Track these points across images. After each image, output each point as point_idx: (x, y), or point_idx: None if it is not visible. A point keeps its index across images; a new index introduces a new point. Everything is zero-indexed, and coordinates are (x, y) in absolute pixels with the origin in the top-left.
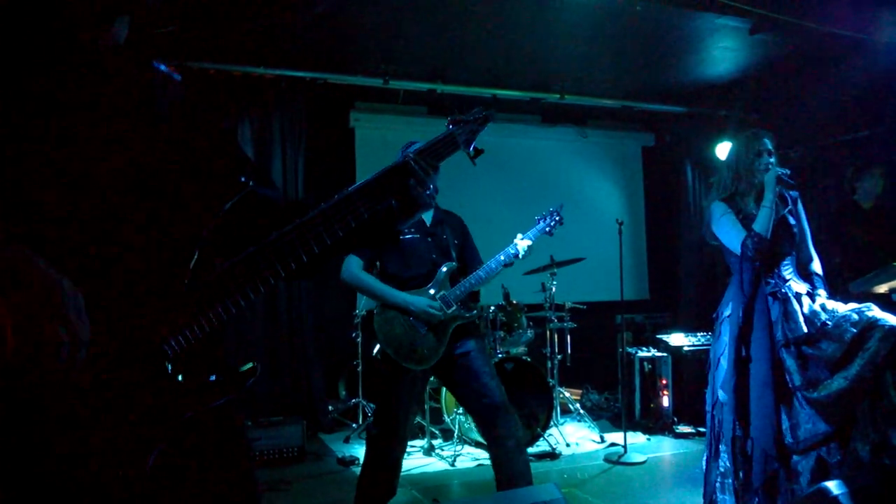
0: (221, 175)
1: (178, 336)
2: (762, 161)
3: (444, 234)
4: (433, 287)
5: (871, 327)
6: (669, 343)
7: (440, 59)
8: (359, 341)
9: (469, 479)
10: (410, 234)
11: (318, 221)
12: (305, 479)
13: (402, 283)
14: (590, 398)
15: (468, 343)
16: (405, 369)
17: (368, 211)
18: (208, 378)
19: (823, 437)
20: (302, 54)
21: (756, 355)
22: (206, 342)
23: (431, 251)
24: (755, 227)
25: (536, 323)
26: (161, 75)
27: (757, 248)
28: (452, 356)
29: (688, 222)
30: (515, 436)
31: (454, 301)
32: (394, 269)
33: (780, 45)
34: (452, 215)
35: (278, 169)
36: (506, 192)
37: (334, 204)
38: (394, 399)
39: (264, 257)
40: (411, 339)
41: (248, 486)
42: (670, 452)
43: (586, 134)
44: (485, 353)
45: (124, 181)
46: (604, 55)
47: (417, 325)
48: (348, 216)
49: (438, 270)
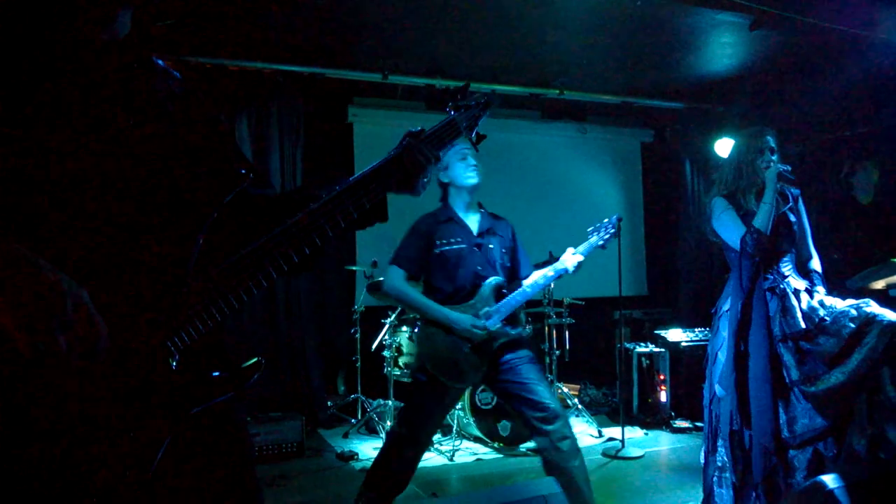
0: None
1: (181, 333)
2: (764, 159)
3: (490, 243)
4: (478, 302)
5: (869, 323)
6: (667, 339)
7: (439, 54)
8: (358, 337)
9: (468, 473)
10: (456, 244)
11: (333, 205)
12: (304, 474)
13: (446, 297)
14: (588, 393)
15: (514, 352)
16: (444, 385)
17: (380, 195)
18: (212, 374)
19: (820, 431)
20: (300, 49)
21: (754, 351)
22: (210, 337)
23: (477, 263)
24: (755, 224)
25: (535, 319)
26: (161, 71)
27: (756, 244)
28: (498, 364)
29: (687, 218)
30: (571, 437)
31: (499, 318)
32: (438, 283)
33: (780, 41)
34: (502, 221)
35: (276, 164)
36: (504, 188)
37: (347, 188)
38: (427, 410)
39: (277, 245)
40: (453, 357)
41: (249, 482)
42: (668, 447)
43: (586, 130)
44: (532, 360)
45: (125, 177)
46: (603, 51)
47: (460, 343)
48: (363, 198)
49: (484, 284)
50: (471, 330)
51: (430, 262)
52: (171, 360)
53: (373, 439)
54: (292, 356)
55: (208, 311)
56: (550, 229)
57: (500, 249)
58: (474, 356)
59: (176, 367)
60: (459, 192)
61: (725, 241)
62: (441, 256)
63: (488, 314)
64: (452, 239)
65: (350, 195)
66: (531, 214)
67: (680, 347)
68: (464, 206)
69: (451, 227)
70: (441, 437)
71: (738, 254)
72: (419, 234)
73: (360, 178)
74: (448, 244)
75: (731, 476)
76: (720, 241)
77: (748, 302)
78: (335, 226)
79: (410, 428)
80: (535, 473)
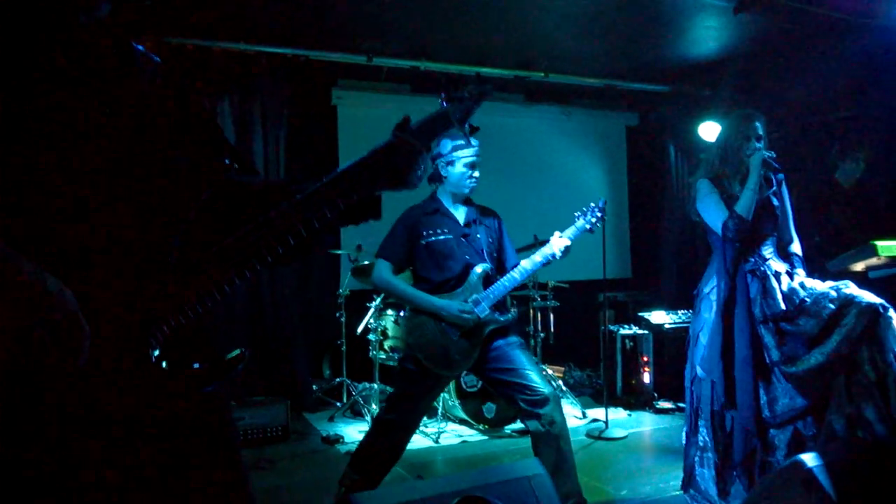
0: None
1: (163, 325)
2: (750, 146)
3: (477, 233)
4: (466, 290)
5: (848, 304)
6: (651, 321)
7: (424, 36)
8: (343, 320)
9: (453, 455)
10: (443, 234)
11: (319, 197)
12: (290, 457)
13: (435, 287)
14: (572, 375)
15: (503, 338)
16: (434, 373)
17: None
18: (194, 365)
19: (800, 411)
20: (283, 31)
21: (737, 332)
22: (192, 328)
23: (465, 253)
24: (737, 209)
25: (520, 301)
26: (140, 56)
27: (737, 229)
28: (486, 350)
29: (670, 201)
30: (562, 419)
31: (487, 305)
32: (426, 273)
33: (765, 25)
34: (488, 212)
35: (259, 147)
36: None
37: (334, 179)
38: (416, 397)
39: (261, 236)
40: (443, 345)
41: (234, 467)
42: (651, 428)
43: (570, 113)
44: (522, 346)
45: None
46: (588, 34)
47: (449, 331)
48: (351, 192)
49: (471, 273)
50: (460, 316)
51: (417, 253)
52: (152, 352)
53: (358, 422)
54: (277, 340)
55: (190, 302)
56: (534, 213)
57: (487, 239)
58: (464, 343)
59: (156, 358)
60: (450, 189)
61: (708, 223)
62: (428, 247)
63: (477, 301)
64: (439, 230)
65: (337, 186)
66: (515, 198)
67: (663, 329)
68: (451, 199)
69: (438, 218)
70: (427, 420)
71: (720, 237)
72: (405, 226)
73: (347, 168)
74: (435, 235)
75: (712, 456)
76: (702, 222)
77: (733, 284)
78: (321, 217)
79: (398, 414)
80: (519, 455)
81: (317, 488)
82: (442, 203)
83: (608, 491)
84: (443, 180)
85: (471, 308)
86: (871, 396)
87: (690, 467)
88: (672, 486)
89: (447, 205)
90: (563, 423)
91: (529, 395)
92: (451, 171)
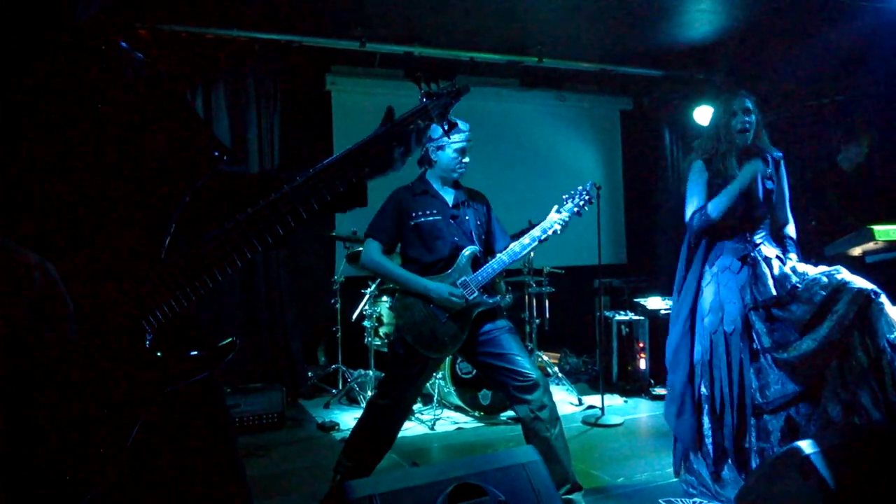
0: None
1: (156, 311)
2: (738, 119)
3: (466, 215)
4: (455, 272)
5: (840, 290)
6: (647, 307)
7: (417, 21)
8: (338, 307)
9: (448, 441)
10: (432, 216)
11: (307, 186)
12: (285, 444)
13: (423, 268)
14: (568, 361)
15: (493, 322)
16: (423, 356)
17: (356, 176)
18: (187, 353)
19: (792, 396)
20: (276, 16)
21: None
22: (185, 316)
23: (453, 234)
24: (710, 205)
25: (515, 287)
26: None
27: (699, 226)
28: (476, 335)
29: (665, 186)
30: (551, 405)
31: (476, 287)
32: (414, 254)
33: (759, 8)
34: (477, 194)
35: (253, 134)
36: (483, 157)
37: (322, 169)
38: (406, 381)
39: (252, 224)
40: (431, 327)
41: (229, 455)
42: (647, 414)
43: (564, 98)
44: (511, 330)
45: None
46: (582, 18)
47: (438, 313)
48: (336, 181)
49: (460, 255)
50: (448, 298)
51: (406, 233)
52: (145, 339)
53: (354, 409)
54: (272, 327)
55: (183, 289)
56: (530, 198)
57: (476, 221)
58: (452, 325)
59: (150, 346)
60: (439, 173)
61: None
62: (417, 228)
63: (466, 283)
64: (428, 210)
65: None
66: (510, 183)
67: (659, 315)
68: (440, 182)
69: (427, 199)
70: (422, 406)
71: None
72: (394, 206)
73: (335, 159)
74: (424, 216)
75: (708, 443)
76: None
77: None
78: (309, 207)
79: (390, 399)
80: (514, 442)
81: (312, 475)
82: (431, 185)
83: (604, 478)
84: (433, 164)
85: (460, 292)
86: (865, 382)
87: (682, 453)
88: (668, 473)
89: (436, 187)
90: (552, 409)
91: (519, 380)
92: (440, 156)
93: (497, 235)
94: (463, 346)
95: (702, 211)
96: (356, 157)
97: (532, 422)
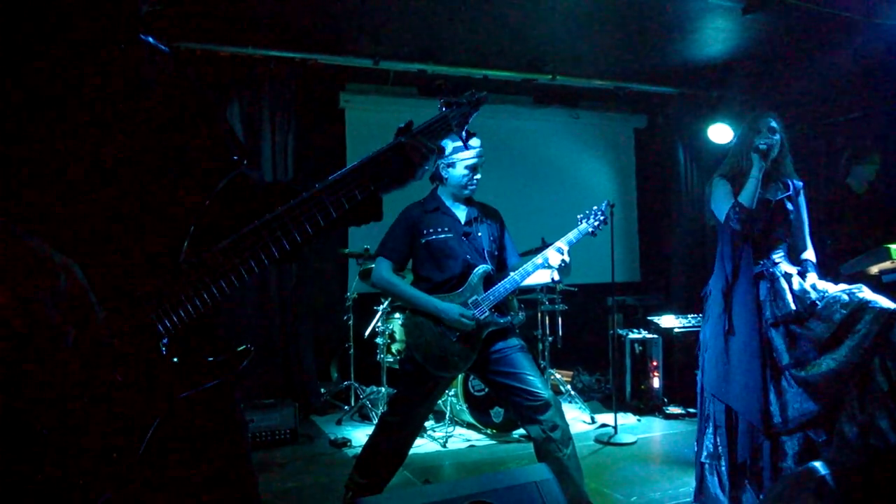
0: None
1: (172, 316)
2: (762, 137)
3: (479, 231)
4: (466, 291)
5: (862, 309)
6: (660, 325)
7: (431, 39)
8: (350, 324)
9: (460, 459)
10: (443, 233)
11: (324, 195)
12: (298, 460)
13: (435, 287)
14: (581, 380)
15: (505, 340)
16: (433, 375)
17: (374, 184)
18: (203, 359)
19: (812, 416)
20: (291, 35)
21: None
22: (201, 322)
23: (465, 252)
24: (740, 199)
25: (528, 305)
26: (149, 48)
27: (739, 217)
28: (488, 354)
29: (679, 204)
30: (563, 425)
31: (487, 307)
32: (426, 272)
33: (773, 26)
34: (490, 210)
35: (268, 151)
36: (497, 174)
37: (339, 178)
38: (418, 398)
39: (270, 231)
40: (442, 346)
41: (242, 467)
42: (660, 433)
43: (578, 115)
44: (523, 349)
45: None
46: (596, 36)
47: (448, 332)
48: (354, 189)
49: (472, 273)
50: (459, 320)
51: (417, 251)
52: (161, 343)
53: (366, 426)
54: (286, 343)
55: (199, 294)
56: (543, 216)
57: (488, 238)
58: (463, 346)
59: (166, 351)
60: (451, 190)
61: (716, 216)
62: (429, 246)
63: (477, 303)
64: (440, 228)
65: (342, 185)
66: (524, 201)
67: (673, 334)
68: (452, 198)
69: (439, 216)
70: (434, 424)
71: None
72: (406, 224)
73: (352, 168)
74: (436, 233)
75: (724, 463)
76: (716, 221)
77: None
78: (326, 215)
79: (400, 416)
80: (527, 460)
81: (324, 491)
82: (443, 201)
83: (617, 497)
84: (444, 181)
85: (471, 313)
86: (884, 406)
87: (701, 475)
88: (682, 493)
89: (448, 203)
90: (565, 429)
91: (531, 400)
92: (451, 173)
93: (510, 252)
94: (475, 365)
95: (734, 205)
96: (374, 163)
97: (544, 442)
